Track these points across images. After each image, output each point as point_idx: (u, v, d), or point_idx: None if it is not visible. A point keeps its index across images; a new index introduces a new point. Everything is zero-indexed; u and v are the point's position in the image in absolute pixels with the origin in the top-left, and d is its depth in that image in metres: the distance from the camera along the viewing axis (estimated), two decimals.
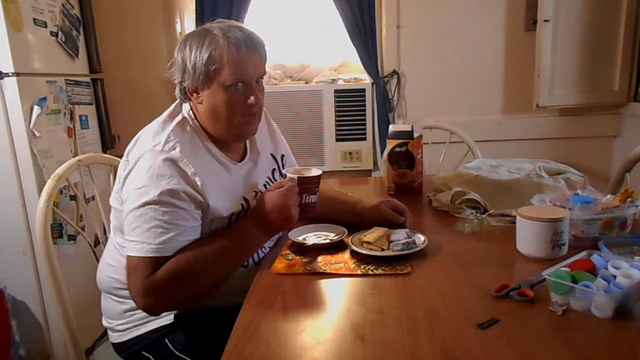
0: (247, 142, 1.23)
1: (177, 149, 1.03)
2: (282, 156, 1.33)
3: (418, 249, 1.07)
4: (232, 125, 1.10)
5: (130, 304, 1.12)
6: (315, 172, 1.13)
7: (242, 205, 1.14)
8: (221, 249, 1.02)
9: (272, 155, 1.30)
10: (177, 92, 1.14)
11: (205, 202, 1.05)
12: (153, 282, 0.95)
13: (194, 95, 1.10)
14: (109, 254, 1.18)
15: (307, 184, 1.11)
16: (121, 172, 1.07)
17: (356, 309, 0.86)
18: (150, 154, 1.02)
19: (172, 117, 1.12)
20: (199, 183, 1.03)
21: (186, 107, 1.15)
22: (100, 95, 2.42)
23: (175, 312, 1.10)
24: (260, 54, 1.10)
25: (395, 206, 1.24)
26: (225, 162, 1.14)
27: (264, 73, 1.13)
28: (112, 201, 1.14)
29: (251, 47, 1.06)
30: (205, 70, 1.04)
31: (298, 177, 1.10)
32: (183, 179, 1.01)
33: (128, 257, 0.99)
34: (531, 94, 2.51)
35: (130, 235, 0.99)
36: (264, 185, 1.23)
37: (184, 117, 1.12)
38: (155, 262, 0.96)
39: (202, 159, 1.08)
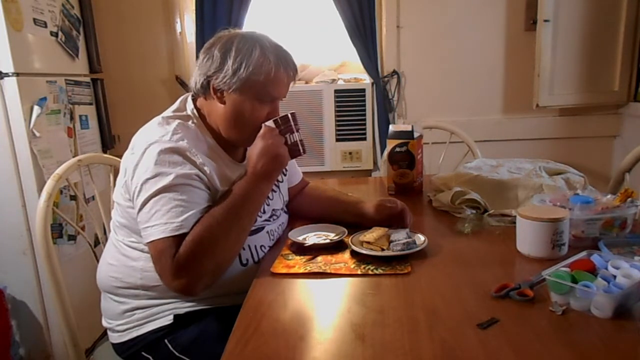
0: None
1: (185, 140, 1.05)
2: None
3: (418, 249, 1.07)
4: (246, 132, 1.13)
5: (130, 304, 1.12)
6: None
7: None
8: (230, 208, 1.01)
9: None
10: (195, 83, 1.13)
11: (213, 188, 1.06)
12: (179, 260, 0.95)
13: (218, 94, 1.10)
14: (109, 253, 1.18)
15: (284, 124, 1.11)
16: (127, 164, 1.07)
17: (356, 309, 0.86)
18: (158, 144, 1.03)
19: (175, 113, 1.14)
20: (207, 171, 1.05)
21: (190, 104, 1.16)
22: (100, 95, 2.42)
23: (174, 313, 1.10)
24: (293, 77, 1.16)
25: (396, 206, 1.24)
26: (227, 161, 1.15)
27: (286, 95, 1.18)
28: (117, 196, 1.13)
29: (292, 73, 1.14)
30: (246, 78, 1.07)
31: (273, 120, 1.11)
32: (194, 165, 1.03)
33: (151, 244, 0.98)
34: (531, 94, 2.51)
35: (151, 221, 0.98)
36: None
37: (187, 115, 1.14)
38: (180, 241, 0.96)
39: (206, 154, 1.09)
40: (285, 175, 1.33)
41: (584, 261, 0.91)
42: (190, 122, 1.12)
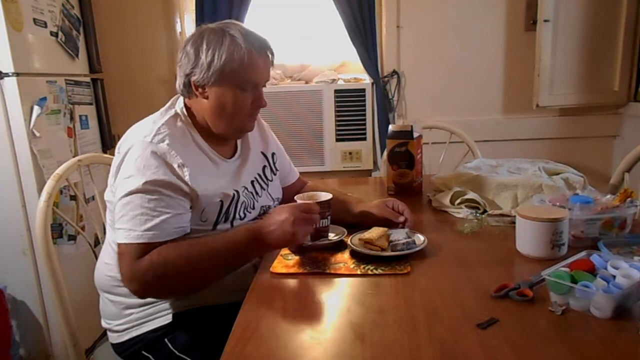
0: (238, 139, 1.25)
1: (166, 142, 1.05)
2: (273, 154, 1.34)
3: (418, 248, 1.07)
4: (234, 122, 1.15)
5: (127, 302, 1.13)
6: (324, 196, 1.16)
7: (233, 194, 1.15)
8: (212, 252, 1.00)
9: (262, 153, 1.32)
10: (178, 85, 1.15)
11: (193, 192, 1.06)
12: (138, 269, 0.96)
13: (199, 90, 1.11)
14: (106, 253, 1.18)
15: (321, 209, 1.12)
16: (114, 164, 1.09)
17: (356, 309, 0.86)
18: (139, 144, 1.04)
19: (165, 112, 1.15)
20: (186, 174, 1.04)
21: (180, 103, 1.17)
22: (100, 95, 2.42)
23: (173, 312, 1.10)
24: (271, 61, 1.15)
25: (396, 205, 1.24)
26: (214, 157, 1.16)
27: (269, 79, 1.18)
28: (107, 195, 1.15)
29: (267, 54, 1.13)
30: (221, 69, 1.07)
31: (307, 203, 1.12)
32: (169, 170, 1.03)
33: (118, 244, 1.01)
34: (531, 94, 2.51)
35: (119, 223, 1.01)
36: (252, 182, 1.23)
37: (176, 113, 1.15)
38: (141, 249, 0.98)
39: (191, 152, 1.10)
40: (275, 174, 1.33)
41: (584, 261, 0.91)
42: (178, 120, 1.13)
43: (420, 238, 1.12)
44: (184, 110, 1.16)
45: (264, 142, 1.33)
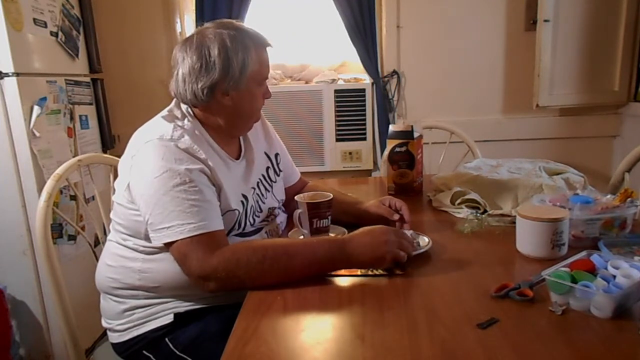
0: (242, 139, 1.25)
1: (186, 137, 1.06)
2: (277, 155, 1.34)
3: (422, 250, 1.06)
4: (252, 118, 1.19)
5: (129, 303, 1.13)
6: (324, 196, 1.17)
7: (242, 202, 1.15)
8: (287, 256, 0.97)
9: (265, 153, 1.31)
10: (192, 94, 1.09)
11: (218, 187, 1.07)
12: (209, 266, 0.95)
13: (223, 96, 1.10)
14: (108, 254, 1.18)
15: (316, 209, 1.14)
16: (129, 164, 1.06)
17: (356, 309, 0.86)
18: (159, 142, 1.03)
19: (171, 112, 1.15)
20: (211, 164, 1.06)
21: (183, 105, 1.16)
22: (100, 95, 2.42)
23: (174, 311, 1.10)
24: None
25: (393, 203, 1.24)
26: (225, 157, 1.15)
27: None
28: (118, 198, 1.12)
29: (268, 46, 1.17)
30: (250, 71, 1.10)
31: (307, 203, 1.14)
32: (199, 161, 1.04)
33: (172, 246, 0.98)
34: (531, 94, 2.51)
35: (166, 221, 0.98)
36: (257, 184, 1.23)
37: (183, 114, 1.14)
38: (204, 240, 0.97)
39: (207, 151, 1.09)
40: (278, 175, 1.33)
41: (584, 261, 0.91)
42: (186, 121, 1.12)
43: (425, 240, 1.11)
44: (190, 110, 1.15)
45: (268, 143, 1.33)
